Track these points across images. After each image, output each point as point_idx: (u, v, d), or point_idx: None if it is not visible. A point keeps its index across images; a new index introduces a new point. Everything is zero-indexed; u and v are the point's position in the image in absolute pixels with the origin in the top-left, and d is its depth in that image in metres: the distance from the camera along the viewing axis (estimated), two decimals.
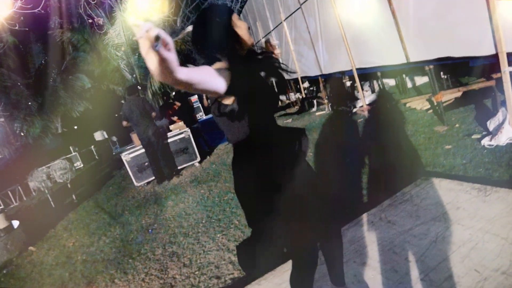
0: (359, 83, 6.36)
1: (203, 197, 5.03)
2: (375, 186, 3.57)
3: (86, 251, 4.57)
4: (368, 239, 2.50)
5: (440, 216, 2.46)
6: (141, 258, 3.80)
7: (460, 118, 4.58)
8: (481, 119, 4.16)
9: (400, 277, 2.03)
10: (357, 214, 2.90)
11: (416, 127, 4.81)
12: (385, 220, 2.67)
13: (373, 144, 4.80)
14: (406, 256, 2.18)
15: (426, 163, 3.68)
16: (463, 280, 1.86)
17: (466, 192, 2.64)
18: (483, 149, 3.53)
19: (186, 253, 3.54)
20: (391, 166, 3.82)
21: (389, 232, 2.50)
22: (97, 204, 6.93)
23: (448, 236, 2.22)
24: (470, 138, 3.89)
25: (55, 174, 7.72)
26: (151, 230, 4.49)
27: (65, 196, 8.39)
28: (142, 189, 6.80)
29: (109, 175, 9.94)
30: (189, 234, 3.96)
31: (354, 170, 4.13)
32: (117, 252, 4.19)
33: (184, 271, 3.21)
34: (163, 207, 5.24)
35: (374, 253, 2.33)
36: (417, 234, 2.35)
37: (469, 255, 2.01)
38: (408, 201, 2.82)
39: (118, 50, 12.84)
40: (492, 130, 3.68)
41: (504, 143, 3.44)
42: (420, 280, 1.94)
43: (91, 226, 5.56)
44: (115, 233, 4.86)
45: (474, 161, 3.37)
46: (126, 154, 6.78)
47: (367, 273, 2.16)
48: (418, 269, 2.04)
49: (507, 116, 3.52)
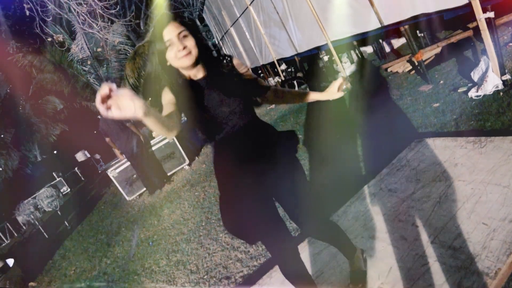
0: (336, 56, 6.36)
1: (198, 199, 5.01)
2: (370, 157, 3.60)
3: (89, 276, 4.52)
4: (372, 212, 2.52)
5: (439, 176, 2.49)
6: (146, 272, 3.77)
7: (444, 74, 4.62)
8: (465, 72, 4.20)
9: (410, 243, 2.06)
10: (357, 188, 2.91)
11: (401, 91, 4.84)
12: (386, 189, 2.69)
13: (361, 115, 4.82)
14: (413, 221, 2.20)
15: (417, 125, 3.71)
16: (472, 235, 1.88)
17: (462, 147, 2.67)
18: (471, 101, 3.57)
19: (191, 259, 3.53)
20: (383, 134, 3.85)
21: (392, 200, 2.52)
22: (91, 227, 6.86)
23: (451, 194, 2.25)
24: (456, 92, 3.93)
25: (42, 203, 7.60)
26: (151, 243, 4.46)
27: (57, 224, 8.27)
28: (135, 203, 6.75)
29: (99, 194, 9.83)
30: (191, 239, 3.95)
31: (346, 144, 4.14)
32: (120, 271, 4.16)
33: (192, 277, 3.21)
34: (159, 217, 5.21)
35: (380, 224, 2.35)
36: (419, 198, 2.38)
37: (475, 209, 2.03)
38: (405, 166, 2.84)
39: (84, 65, 12.62)
40: (477, 80, 3.72)
41: (491, 91, 3.48)
42: (431, 243, 1.97)
43: (89, 250, 5.50)
44: (115, 253, 4.82)
45: (464, 114, 3.40)
46: (112, 170, 6.70)
47: (376, 245, 2.18)
48: (426, 232, 2.06)
49: (489, 64, 3.56)
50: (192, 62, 1.50)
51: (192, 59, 1.50)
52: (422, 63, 4.67)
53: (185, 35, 1.49)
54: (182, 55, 1.47)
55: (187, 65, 1.50)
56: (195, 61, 1.51)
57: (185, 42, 1.48)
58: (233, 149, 1.62)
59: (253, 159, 1.62)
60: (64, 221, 7.84)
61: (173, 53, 1.48)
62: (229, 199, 1.67)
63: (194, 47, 1.50)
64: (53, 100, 14.90)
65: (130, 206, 6.71)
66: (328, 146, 4.41)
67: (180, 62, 1.50)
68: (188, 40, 1.49)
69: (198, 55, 1.52)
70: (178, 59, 1.49)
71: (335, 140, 4.50)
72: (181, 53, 1.47)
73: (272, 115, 7.61)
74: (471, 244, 1.84)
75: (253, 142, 1.63)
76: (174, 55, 1.48)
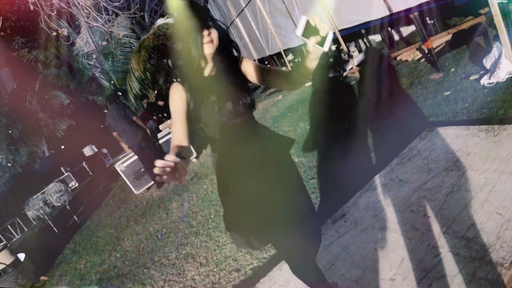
0: (344, 45, 6.29)
1: (207, 192, 5.02)
2: (380, 147, 3.57)
3: (99, 270, 4.58)
4: (383, 202, 2.51)
5: (452, 165, 2.46)
6: (156, 265, 3.81)
7: (455, 62, 4.55)
8: (476, 59, 4.13)
9: (422, 234, 2.04)
10: (367, 178, 2.90)
11: (411, 79, 4.78)
12: (397, 179, 2.67)
13: (371, 105, 4.78)
14: (425, 212, 2.19)
15: (428, 114, 3.67)
16: (486, 225, 1.86)
17: (474, 135, 2.64)
18: (484, 88, 3.52)
19: (201, 252, 3.55)
20: (393, 123, 3.81)
21: (403, 191, 2.50)
22: (100, 221, 6.93)
23: (464, 184, 2.22)
24: (468, 80, 3.87)
25: (51, 198, 7.70)
26: (160, 236, 4.50)
27: (66, 219, 8.36)
28: (143, 196, 6.79)
29: (107, 189, 9.92)
30: (200, 232, 3.97)
31: (356, 134, 4.11)
32: (130, 264, 4.20)
33: (202, 270, 3.23)
34: (168, 210, 5.24)
35: (391, 215, 2.34)
36: (431, 188, 2.36)
37: (488, 199, 2.01)
38: (416, 156, 2.82)
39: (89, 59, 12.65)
40: (490, 67, 3.66)
41: (504, 78, 3.42)
42: (443, 234, 1.95)
43: (99, 244, 5.57)
44: (124, 246, 4.87)
45: (477, 102, 3.35)
46: (119, 164, 6.74)
47: (388, 236, 2.17)
48: (438, 223, 2.05)
49: (502, 50, 3.50)
50: (212, 51, 1.54)
51: (213, 48, 1.54)
52: (432, 51, 4.60)
53: (210, 26, 1.54)
54: (206, 40, 1.51)
55: (208, 52, 1.54)
56: (214, 51, 1.55)
57: (210, 31, 1.53)
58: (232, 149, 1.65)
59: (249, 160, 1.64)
60: (73, 216, 7.94)
61: (199, 38, 1.51)
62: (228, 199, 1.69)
63: (216, 38, 1.54)
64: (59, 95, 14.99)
65: (138, 200, 6.76)
66: (337, 136, 4.39)
67: (207, 48, 1.53)
68: (212, 30, 1.53)
69: (218, 48, 1.56)
70: (202, 45, 1.52)
71: (344, 130, 4.47)
72: (205, 39, 1.51)
73: (279, 106, 7.59)
74: (484, 234, 1.82)
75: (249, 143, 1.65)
76: (199, 40, 1.51)
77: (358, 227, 2.42)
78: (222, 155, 1.69)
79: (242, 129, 1.64)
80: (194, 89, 1.57)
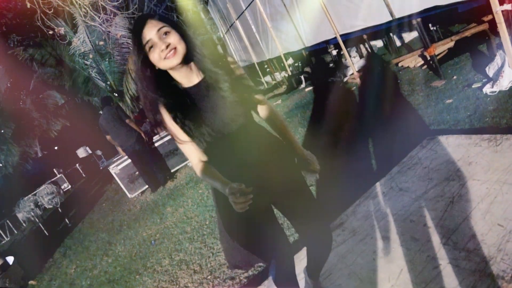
0: (345, 50, 6.31)
1: (202, 197, 5.00)
2: (380, 154, 3.57)
3: (90, 275, 4.55)
4: (382, 211, 2.50)
5: (453, 175, 2.46)
6: (148, 272, 3.78)
7: (457, 69, 4.56)
8: (479, 67, 4.15)
9: (421, 245, 2.03)
10: (367, 186, 2.89)
11: (412, 86, 4.79)
12: (397, 188, 2.66)
13: (371, 111, 4.78)
14: (425, 222, 2.18)
15: (429, 122, 3.67)
16: (487, 237, 1.85)
17: (476, 145, 2.64)
18: (486, 97, 3.52)
19: (195, 258, 3.53)
20: (394, 130, 3.81)
21: (403, 200, 2.49)
22: (93, 224, 6.89)
23: (465, 194, 2.22)
24: (470, 88, 3.88)
25: (43, 200, 7.65)
26: (153, 242, 4.47)
27: (58, 221, 8.32)
28: (137, 200, 6.77)
29: (100, 192, 9.88)
30: (195, 238, 3.95)
31: (355, 141, 4.11)
32: (122, 270, 4.17)
33: (195, 277, 3.20)
34: (162, 215, 5.22)
35: (390, 224, 2.33)
36: (432, 198, 2.35)
37: (490, 210, 2.01)
38: (417, 164, 2.81)
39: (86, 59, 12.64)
40: (492, 75, 3.67)
41: (507, 87, 3.43)
42: (443, 245, 1.94)
43: (90, 248, 5.53)
44: (116, 251, 4.84)
45: (479, 111, 3.36)
46: (114, 166, 6.72)
47: (387, 246, 2.16)
48: (438, 233, 2.04)
49: (505, 58, 3.51)
50: (179, 61, 1.38)
51: (179, 57, 1.37)
52: (435, 58, 4.62)
53: (167, 31, 1.36)
54: (167, 54, 1.36)
55: (174, 64, 1.38)
56: (182, 58, 1.38)
57: (168, 40, 1.36)
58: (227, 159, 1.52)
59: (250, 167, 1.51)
60: (65, 219, 7.89)
61: (157, 54, 1.36)
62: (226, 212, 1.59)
63: (179, 42, 1.37)
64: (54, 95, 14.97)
65: (132, 204, 6.73)
66: (336, 143, 4.38)
67: (166, 63, 1.38)
68: (171, 37, 1.36)
69: (187, 51, 1.40)
70: (164, 60, 1.37)
71: (344, 137, 4.47)
72: (164, 53, 1.35)
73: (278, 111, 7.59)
74: (485, 246, 1.81)
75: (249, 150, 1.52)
76: (158, 56, 1.36)
77: (356, 236, 2.41)
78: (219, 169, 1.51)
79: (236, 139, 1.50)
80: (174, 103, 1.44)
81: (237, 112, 1.49)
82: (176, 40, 1.36)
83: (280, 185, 1.60)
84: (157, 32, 1.35)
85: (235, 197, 1.27)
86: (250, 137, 1.55)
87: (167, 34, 1.36)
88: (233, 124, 1.48)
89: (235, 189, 1.28)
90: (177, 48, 1.36)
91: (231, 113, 1.47)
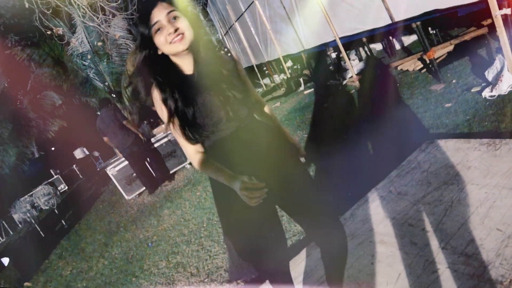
0: (344, 53, 6.33)
1: (200, 199, 5.00)
2: (379, 158, 3.57)
3: (86, 277, 4.53)
4: (380, 215, 2.50)
5: (451, 179, 2.46)
6: (145, 274, 3.77)
7: (456, 73, 4.58)
8: (478, 71, 4.16)
9: (419, 249, 2.03)
10: (365, 190, 2.89)
11: (411, 90, 4.80)
12: (395, 192, 2.66)
13: (370, 115, 4.79)
14: (423, 226, 2.17)
15: (428, 125, 3.68)
16: (486, 241, 1.85)
17: (475, 149, 2.64)
18: (485, 101, 3.53)
19: (192, 261, 3.52)
20: (392, 134, 3.82)
21: (401, 204, 2.49)
22: (89, 226, 6.87)
23: (464, 199, 2.22)
24: (469, 92, 3.89)
25: (39, 201, 7.64)
26: (150, 244, 4.46)
27: (54, 223, 8.28)
28: (134, 202, 6.75)
29: (97, 193, 9.86)
30: (192, 241, 3.94)
31: (354, 144, 4.12)
32: (118, 272, 4.16)
33: (192, 280, 3.19)
34: (159, 217, 5.21)
35: (388, 229, 2.32)
36: (430, 202, 2.35)
37: (489, 214, 2.00)
38: (415, 168, 2.81)
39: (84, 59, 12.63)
40: (492, 80, 3.68)
41: (506, 91, 3.44)
42: (442, 249, 1.94)
43: (86, 250, 5.51)
44: (113, 253, 4.82)
45: (478, 115, 3.37)
46: (111, 168, 6.70)
47: (385, 250, 2.16)
48: (437, 238, 2.04)
49: (504, 63, 3.52)
50: (186, 47, 1.35)
51: (186, 43, 1.35)
52: (434, 61, 4.63)
53: (176, 16, 1.34)
54: (174, 38, 1.33)
55: (180, 50, 1.35)
56: (189, 45, 1.36)
57: (177, 24, 1.33)
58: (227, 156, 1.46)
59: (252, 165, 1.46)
60: (61, 220, 7.87)
61: (163, 37, 1.33)
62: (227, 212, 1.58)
63: (188, 29, 1.34)
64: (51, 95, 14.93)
65: (129, 206, 6.72)
66: (335, 146, 4.39)
67: (172, 48, 1.35)
68: (180, 22, 1.34)
69: (194, 39, 1.37)
70: (170, 44, 1.34)
71: (342, 140, 4.47)
72: (171, 36, 1.32)
73: (276, 113, 7.60)
74: (484, 251, 1.81)
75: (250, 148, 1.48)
76: (165, 39, 1.33)
77: (354, 240, 2.40)
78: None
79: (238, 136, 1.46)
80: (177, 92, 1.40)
81: (235, 105, 1.45)
82: (185, 26, 1.34)
83: (284, 181, 1.54)
84: (167, 15, 1.33)
85: (249, 191, 1.23)
86: (251, 131, 1.51)
87: (176, 18, 1.34)
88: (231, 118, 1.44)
89: (247, 183, 1.25)
90: (185, 34, 1.34)
91: (229, 106, 1.43)
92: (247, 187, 1.25)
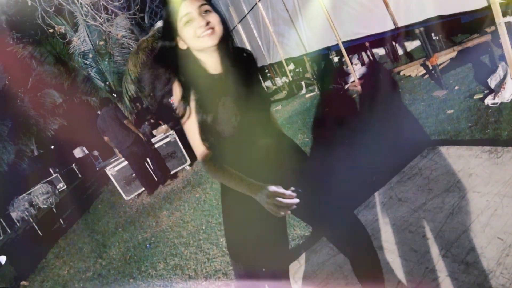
0: (347, 57, 6.33)
1: (199, 201, 4.99)
2: (380, 164, 3.56)
3: (83, 277, 4.52)
4: (381, 221, 2.49)
5: (453, 186, 2.46)
6: (143, 276, 3.76)
7: (459, 79, 4.58)
8: (481, 78, 4.16)
9: (420, 256, 2.03)
10: (366, 196, 2.89)
11: (414, 95, 4.80)
12: (396, 198, 2.66)
13: (371, 119, 4.79)
14: (424, 233, 2.17)
15: (430, 131, 3.68)
16: (487, 250, 1.85)
17: (477, 156, 2.64)
18: (488, 108, 3.53)
19: (190, 263, 3.52)
20: (394, 140, 3.82)
21: (402, 210, 2.49)
22: (87, 226, 6.87)
23: (465, 206, 2.21)
24: (472, 99, 3.89)
25: (37, 200, 7.62)
26: (149, 245, 4.45)
27: (52, 222, 8.28)
28: (133, 203, 6.74)
29: (96, 193, 9.85)
30: (190, 243, 3.93)
31: (355, 150, 4.11)
32: (116, 273, 4.15)
33: (190, 283, 3.19)
34: (158, 219, 5.20)
35: (389, 235, 2.32)
36: (431, 209, 2.35)
37: (490, 222, 2.00)
38: (417, 174, 2.81)
39: (86, 58, 12.64)
40: (494, 87, 3.68)
41: (509, 99, 3.44)
42: (442, 257, 1.94)
43: (84, 250, 5.50)
44: (111, 254, 4.82)
45: (480, 122, 3.37)
46: (110, 167, 6.70)
47: (385, 257, 2.15)
48: (437, 245, 2.03)
49: (507, 70, 3.52)
50: (215, 42, 1.29)
51: (216, 38, 1.29)
52: (437, 68, 4.64)
53: (208, 10, 1.29)
54: (204, 32, 1.27)
55: (209, 45, 1.29)
56: (218, 41, 1.30)
57: (208, 18, 1.28)
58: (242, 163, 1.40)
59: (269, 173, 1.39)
60: (59, 219, 7.86)
61: (192, 30, 1.27)
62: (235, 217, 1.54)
63: (219, 24, 1.29)
64: (52, 94, 14.94)
65: (128, 206, 6.71)
66: (336, 151, 4.38)
67: (200, 42, 1.29)
68: (211, 16, 1.29)
69: (222, 36, 1.31)
70: (199, 38, 1.28)
71: (344, 144, 4.47)
72: (202, 30, 1.26)
73: (277, 116, 7.60)
74: (485, 260, 1.81)
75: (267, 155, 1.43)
76: (194, 32, 1.27)
77: None
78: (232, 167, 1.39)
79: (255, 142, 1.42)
80: (199, 91, 1.34)
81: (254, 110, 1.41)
82: (217, 21, 1.30)
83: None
84: (199, 8, 1.28)
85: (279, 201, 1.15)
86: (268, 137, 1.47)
87: (208, 12, 1.29)
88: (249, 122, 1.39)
89: (277, 192, 1.17)
90: (216, 29, 1.29)
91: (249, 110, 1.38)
92: (277, 195, 1.17)
